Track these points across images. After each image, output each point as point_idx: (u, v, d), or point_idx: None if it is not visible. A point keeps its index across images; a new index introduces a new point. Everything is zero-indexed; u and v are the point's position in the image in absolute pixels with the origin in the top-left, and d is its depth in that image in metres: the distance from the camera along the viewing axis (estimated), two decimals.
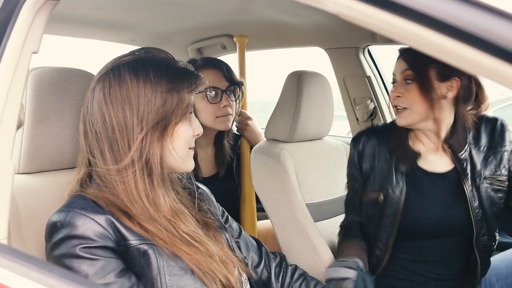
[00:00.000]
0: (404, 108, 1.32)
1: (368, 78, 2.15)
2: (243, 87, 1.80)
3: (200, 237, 0.95)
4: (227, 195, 1.84)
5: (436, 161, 1.37)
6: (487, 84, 1.36)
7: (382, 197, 1.37)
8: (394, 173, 1.37)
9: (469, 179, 1.32)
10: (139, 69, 0.91)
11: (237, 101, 1.78)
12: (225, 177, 1.86)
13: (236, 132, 1.93)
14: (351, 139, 1.55)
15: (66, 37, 2.17)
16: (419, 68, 1.29)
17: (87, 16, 1.83)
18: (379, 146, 1.42)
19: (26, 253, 0.83)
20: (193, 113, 0.99)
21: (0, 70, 0.80)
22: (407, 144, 1.39)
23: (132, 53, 0.96)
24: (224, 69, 1.73)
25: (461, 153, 1.34)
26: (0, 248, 0.75)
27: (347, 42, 2.09)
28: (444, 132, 1.35)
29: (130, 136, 0.90)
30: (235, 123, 1.85)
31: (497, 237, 1.41)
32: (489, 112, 1.44)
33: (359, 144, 1.45)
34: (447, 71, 1.28)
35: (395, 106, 1.35)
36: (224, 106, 1.69)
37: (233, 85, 1.74)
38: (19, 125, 0.85)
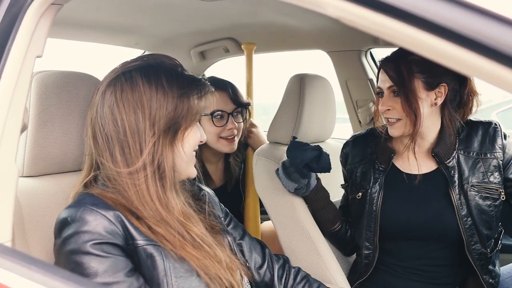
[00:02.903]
0: (397, 120, 1.31)
1: (370, 81, 2.15)
2: (249, 107, 1.79)
3: (210, 242, 0.96)
4: (233, 202, 1.84)
5: (415, 163, 1.36)
6: (487, 86, 1.34)
7: (360, 195, 1.41)
8: (372, 172, 1.41)
9: (457, 186, 1.30)
10: (151, 74, 0.93)
11: (244, 121, 1.78)
12: (233, 187, 1.86)
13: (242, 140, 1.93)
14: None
15: (70, 40, 2.18)
16: (403, 82, 1.27)
17: (91, 19, 1.83)
18: (364, 147, 1.47)
19: (30, 255, 0.83)
20: (198, 122, 1.00)
21: (5, 74, 0.80)
22: (386, 144, 1.41)
23: (140, 58, 0.97)
24: (230, 91, 1.71)
25: (448, 160, 1.32)
26: (4, 251, 0.76)
27: (350, 45, 2.09)
28: (428, 137, 1.34)
29: (142, 139, 0.91)
30: None
31: (498, 245, 1.37)
32: (492, 115, 1.42)
33: (346, 146, 1.53)
34: (434, 79, 1.26)
35: (386, 118, 1.35)
36: (229, 129, 1.69)
37: (239, 107, 1.73)
38: (23, 128, 0.86)
